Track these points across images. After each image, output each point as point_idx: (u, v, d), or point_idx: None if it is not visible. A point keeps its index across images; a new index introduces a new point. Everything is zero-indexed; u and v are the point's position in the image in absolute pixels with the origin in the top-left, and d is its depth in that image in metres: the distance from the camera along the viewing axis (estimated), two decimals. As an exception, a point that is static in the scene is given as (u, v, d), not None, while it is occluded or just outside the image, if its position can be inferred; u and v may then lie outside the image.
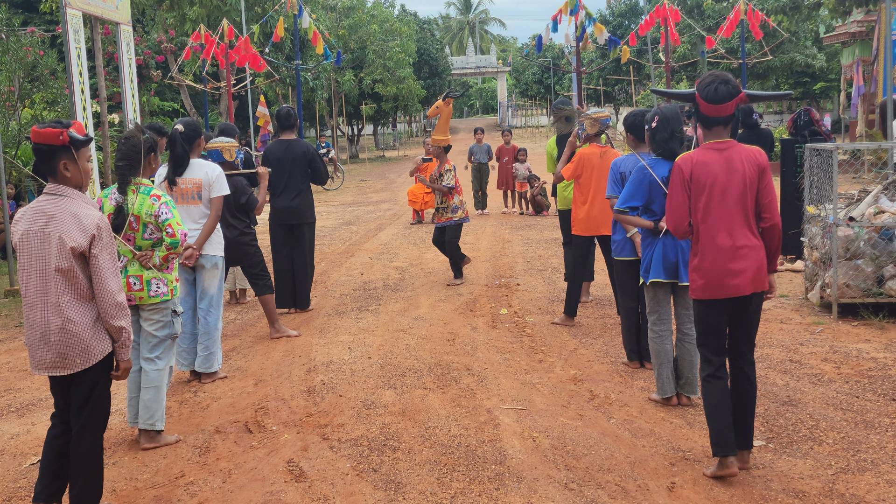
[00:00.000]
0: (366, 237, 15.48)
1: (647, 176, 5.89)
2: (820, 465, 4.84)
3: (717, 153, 4.67)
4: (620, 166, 6.71)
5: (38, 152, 4.27)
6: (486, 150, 18.27)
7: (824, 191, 8.46)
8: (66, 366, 4.25)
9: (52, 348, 4.22)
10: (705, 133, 4.75)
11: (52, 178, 4.29)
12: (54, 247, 4.17)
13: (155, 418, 5.54)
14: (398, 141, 57.08)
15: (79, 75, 11.58)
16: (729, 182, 4.63)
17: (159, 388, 5.55)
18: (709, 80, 4.65)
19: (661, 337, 5.99)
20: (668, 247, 5.84)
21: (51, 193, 4.28)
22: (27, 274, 4.23)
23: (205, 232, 6.76)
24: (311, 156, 9.11)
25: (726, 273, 4.64)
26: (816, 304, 8.43)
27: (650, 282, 5.94)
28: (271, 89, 34.18)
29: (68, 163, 4.27)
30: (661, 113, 5.90)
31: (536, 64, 55.33)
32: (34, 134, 4.25)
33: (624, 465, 4.93)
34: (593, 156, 7.87)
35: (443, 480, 4.81)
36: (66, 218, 4.20)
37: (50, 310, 4.19)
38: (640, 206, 5.96)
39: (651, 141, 5.98)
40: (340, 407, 6.12)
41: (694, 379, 5.92)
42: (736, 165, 4.63)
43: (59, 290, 4.19)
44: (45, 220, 4.21)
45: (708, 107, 4.61)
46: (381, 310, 9.29)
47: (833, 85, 40.16)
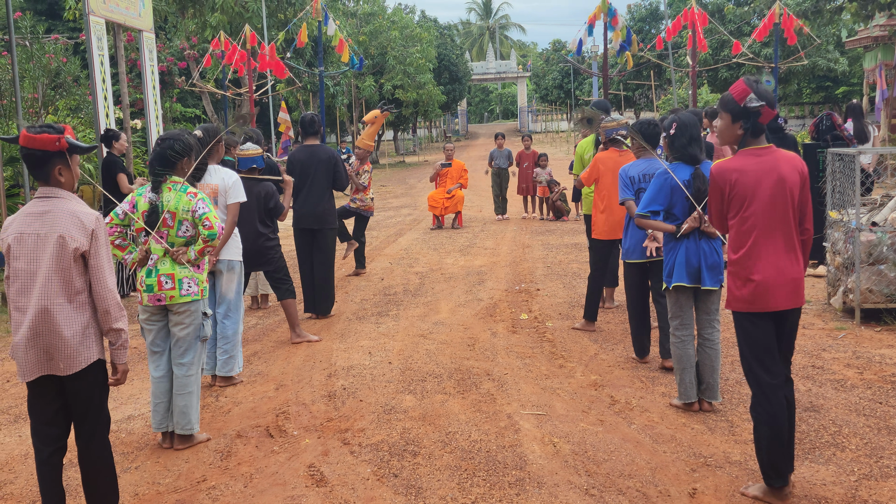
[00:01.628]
0: (386, 242, 15.50)
1: (668, 180, 5.90)
2: (842, 472, 4.81)
3: (756, 158, 4.51)
4: (629, 171, 6.86)
5: (32, 157, 4.17)
6: (507, 156, 18.25)
7: (847, 196, 8.41)
8: (52, 367, 4.17)
9: (40, 348, 4.13)
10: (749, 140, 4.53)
11: (44, 182, 4.21)
12: (52, 247, 4.12)
13: (192, 422, 5.63)
14: (418, 146, 57.13)
15: (102, 82, 11.68)
16: (777, 189, 4.46)
17: (192, 393, 5.62)
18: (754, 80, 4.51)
19: (684, 342, 5.99)
20: (690, 251, 5.84)
21: (44, 196, 4.20)
22: (20, 277, 4.15)
23: (223, 237, 6.81)
24: (334, 161, 9.18)
25: (775, 285, 4.46)
26: (839, 310, 8.37)
27: (673, 286, 5.94)
28: (292, 95, 34.34)
29: (63, 168, 4.22)
30: (679, 119, 5.97)
31: (569, 63, 55.22)
32: (27, 139, 4.14)
33: (645, 471, 4.92)
34: (610, 160, 7.91)
35: (463, 485, 4.81)
36: (65, 218, 4.15)
37: (41, 312, 4.11)
38: (661, 210, 5.97)
39: (670, 147, 6.05)
40: (361, 412, 6.14)
41: (715, 384, 5.91)
42: (781, 173, 4.47)
43: (52, 293, 4.11)
44: (42, 222, 4.15)
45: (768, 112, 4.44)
46: (401, 315, 9.31)
47: (855, 89, 39.94)
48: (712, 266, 5.83)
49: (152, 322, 5.62)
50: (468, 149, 48.84)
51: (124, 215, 5.50)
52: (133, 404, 6.62)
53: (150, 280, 5.47)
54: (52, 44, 16.96)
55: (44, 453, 4.28)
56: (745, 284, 4.49)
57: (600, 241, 8.15)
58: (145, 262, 5.54)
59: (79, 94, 17.05)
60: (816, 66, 37.46)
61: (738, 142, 4.58)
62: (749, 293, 4.48)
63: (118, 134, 10.65)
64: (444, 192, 16.91)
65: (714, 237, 5.82)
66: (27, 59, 15.62)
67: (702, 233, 5.82)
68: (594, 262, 8.26)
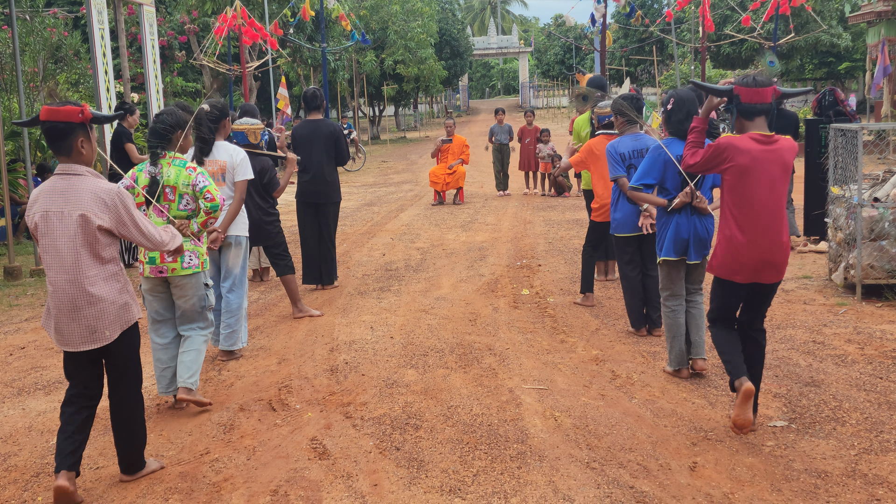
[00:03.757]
0: (387, 218, 15.50)
1: (661, 154, 6.01)
2: (843, 446, 4.84)
3: (760, 144, 4.83)
4: (618, 147, 7.03)
5: (55, 130, 4.31)
6: (508, 131, 18.21)
7: (849, 171, 8.40)
8: (97, 339, 4.36)
9: (82, 323, 4.32)
10: (747, 125, 4.89)
11: (66, 156, 4.37)
12: (76, 225, 4.28)
13: (195, 377, 5.76)
14: (419, 122, 56.98)
15: (102, 56, 11.65)
16: (773, 174, 4.84)
17: (199, 350, 5.79)
18: (742, 76, 4.91)
19: (675, 312, 6.16)
20: (681, 225, 5.97)
21: (64, 173, 4.36)
22: (50, 253, 4.32)
23: (230, 214, 6.83)
24: (336, 136, 9.20)
25: (764, 263, 4.88)
26: (840, 286, 8.38)
27: (662, 259, 6.10)
28: (293, 70, 34.22)
29: (84, 140, 4.37)
30: (676, 95, 6.10)
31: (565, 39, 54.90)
32: (50, 112, 4.30)
33: (646, 445, 4.94)
34: (600, 146, 7.95)
35: (465, 459, 4.84)
36: (87, 196, 4.30)
37: (77, 287, 4.30)
38: (654, 185, 6.10)
39: (666, 122, 6.16)
40: (363, 386, 6.16)
41: (701, 342, 6.15)
42: (784, 157, 4.87)
43: (84, 266, 4.31)
44: (64, 200, 4.30)
45: (749, 92, 4.80)
46: (402, 290, 9.32)
47: (858, 65, 39.69)
48: (700, 241, 5.97)
49: (156, 293, 5.75)
50: (469, 124, 48.72)
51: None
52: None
53: (152, 252, 5.53)
54: (52, 18, 16.89)
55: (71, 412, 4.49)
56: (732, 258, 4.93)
57: (599, 224, 8.21)
58: None
59: (80, 68, 17.00)
60: (819, 42, 37.20)
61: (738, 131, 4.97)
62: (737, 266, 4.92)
63: (134, 108, 10.84)
64: (446, 168, 16.88)
65: (705, 213, 5.96)
66: (27, 32, 15.56)
67: (693, 208, 5.95)
68: (590, 240, 8.34)
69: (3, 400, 6.30)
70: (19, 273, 10.87)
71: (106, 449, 5.21)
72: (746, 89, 4.81)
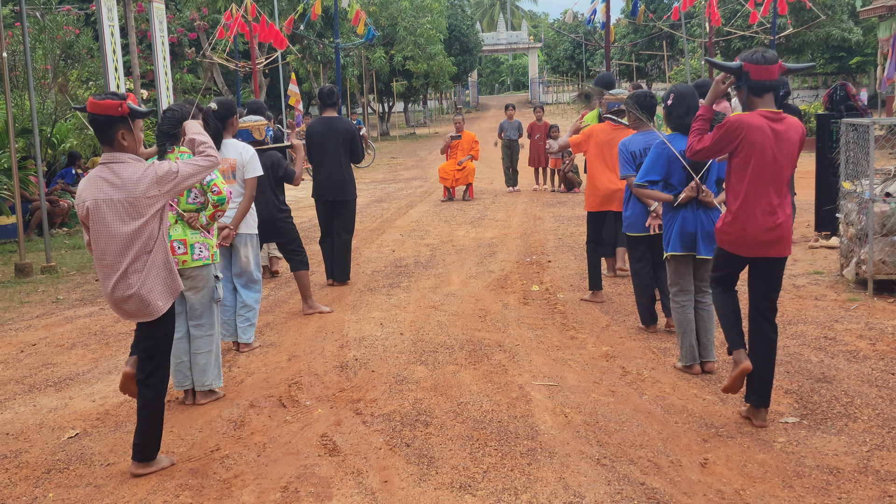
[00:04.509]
0: (397, 214, 15.50)
1: (665, 150, 6.03)
2: (854, 442, 4.82)
3: (768, 120, 4.90)
4: (630, 145, 6.95)
5: (96, 123, 4.54)
6: (517, 127, 18.19)
7: (860, 166, 8.36)
8: (150, 313, 4.64)
9: (132, 304, 4.60)
10: (756, 101, 4.95)
11: (109, 147, 4.58)
12: (124, 212, 4.49)
13: (212, 378, 5.89)
14: (429, 118, 56.98)
15: (112, 53, 11.66)
16: (779, 150, 4.91)
17: (211, 351, 5.87)
18: (751, 51, 4.96)
19: (684, 307, 6.16)
20: (687, 220, 5.98)
21: (109, 162, 4.56)
22: (100, 241, 4.54)
23: (240, 212, 6.86)
24: (352, 134, 9.23)
25: (765, 239, 4.95)
26: (851, 281, 8.35)
27: (669, 255, 6.10)
28: (302, 67, 34.23)
29: (126, 133, 4.57)
30: (676, 91, 6.11)
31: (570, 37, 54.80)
32: (93, 105, 4.51)
33: (656, 442, 4.93)
34: (603, 133, 8.00)
35: (475, 455, 4.83)
36: (132, 184, 4.50)
37: (126, 274, 4.54)
38: (659, 181, 6.11)
39: (667, 118, 6.17)
40: (373, 382, 6.16)
41: (710, 344, 6.14)
42: (790, 135, 4.94)
43: (134, 254, 4.53)
44: (112, 187, 4.50)
45: (759, 69, 4.86)
46: (412, 286, 9.32)
47: (869, 59, 39.50)
48: (708, 235, 5.95)
49: None
50: (478, 120, 48.68)
51: None
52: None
53: None
54: (64, 15, 16.93)
55: None
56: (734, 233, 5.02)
57: (590, 213, 8.33)
58: None
59: (91, 65, 17.05)
60: (830, 37, 37.01)
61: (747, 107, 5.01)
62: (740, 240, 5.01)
63: None
64: (455, 164, 16.87)
65: (711, 207, 5.96)
66: (39, 30, 15.61)
67: (699, 202, 5.96)
68: (590, 234, 8.41)
69: (14, 396, 6.32)
70: (30, 270, 10.90)
71: (117, 446, 5.22)
72: (756, 66, 4.87)
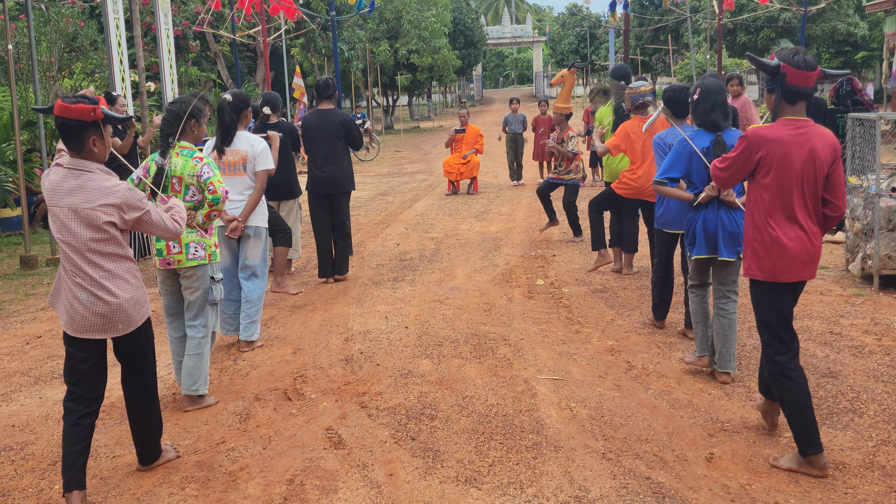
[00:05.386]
0: (401, 208, 15.49)
1: (687, 148, 5.83)
2: (860, 437, 4.81)
3: (794, 130, 4.38)
4: (666, 138, 6.63)
5: (66, 128, 4.23)
6: (522, 121, 18.16)
7: (867, 161, 8.34)
8: (109, 330, 4.34)
9: (97, 316, 4.29)
10: (787, 108, 4.41)
11: (77, 152, 4.28)
12: (88, 222, 4.21)
13: (198, 384, 5.69)
14: (433, 112, 56.91)
15: (117, 45, 11.66)
16: (807, 165, 4.37)
17: (201, 355, 5.67)
18: (792, 51, 4.36)
19: (700, 297, 6.03)
20: (708, 220, 5.75)
21: (75, 169, 4.26)
22: (65, 249, 4.29)
23: (250, 204, 6.85)
24: (347, 124, 9.13)
25: (802, 259, 4.42)
26: (857, 276, 8.33)
27: (694, 259, 5.88)
28: (306, 60, 34.21)
29: (97, 139, 4.29)
30: (703, 85, 5.81)
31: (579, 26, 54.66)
32: (62, 109, 4.21)
33: (662, 436, 4.93)
34: (636, 127, 7.94)
35: (480, 449, 4.84)
36: (96, 193, 4.22)
37: (92, 282, 4.26)
38: (679, 178, 5.91)
39: (693, 113, 5.92)
40: (378, 376, 6.16)
41: (727, 355, 5.80)
42: (817, 148, 4.36)
43: (96, 265, 4.26)
44: (73, 197, 4.22)
45: (797, 74, 4.29)
46: (417, 280, 9.32)
47: (875, 54, 39.43)
48: (731, 236, 5.70)
49: (166, 286, 5.73)
50: (483, 114, 48.64)
51: (139, 181, 5.50)
52: (152, 367, 6.66)
53: (158, 244, 5.54)
54: (68, 7, 16.92)
55: (77, 414, 4.35)
56: (768, 257, 4.45)
57: (615, 194, 8.28)
58: None
59: (96, 57, 17.04)
60: (836, 31, 36.96)
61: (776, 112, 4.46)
62: (773, 266, 4.44)
63: (114, 97, 10.49)
64: (460, 158, 16.85)
65: (734, 207, 5.71)
66: (44, 23, 15.60)
67: (721, 202, 5.73)
68: (599, 200, 8.44)
69: (20, 389, 6.33)
70: (35, 262, 10.91)
71: (123, 438, 5.23)
72: (795, 70, 4.29)
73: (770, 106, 4.49)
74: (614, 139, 8.13)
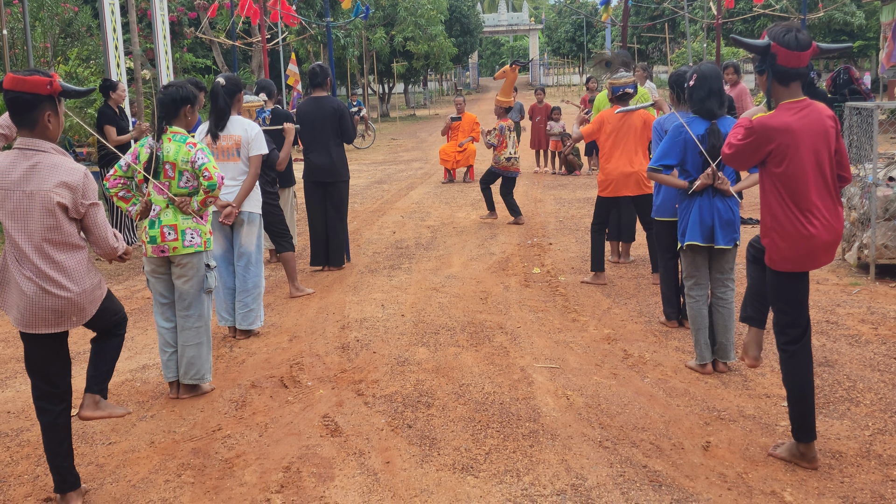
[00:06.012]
0: (397, 196, 15.47)
1: (682, 135, 5.78)
2: (857, 426, 4.81)
3: (798, 114, 4.21)
4: (665, 124, 6.57)
5: (19, 102, 3.93)
6: (518, 109, 18.09)
7: (864, 150, 8.34)
8: (61, 324, 4.08)
9: (48, 310, 4.02)
10: (780, 91, 4.25)
11: (29, 130, 3.99)
12: (42, 205, 3.94)
13: (202, 372, 5.65)
14: (429, 99, 56.80)
15: (112, 31, 11.61)
16: (820, 146, 4.21)
17: (201, 344, 5.61)
18: (783, 29, 4.15)
19: (698, 302, 5.85)
20: (703, 209, 5.70)
21: (27, 148, 3.97)
22: (13, 236, 3.98)
23: (244, 189, 6.80)
24: (341, 113, 9.04)
25: (824, 245, 4.27)
26: (853, 265, 8.33)
27: (686, 245, 5.81)
28: (302, 47, 34.09)
29: (52, 115, 4.02)
30: (699, 71, 5.76)
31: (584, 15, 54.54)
32: (15, 81, 3.92)
33: (658, 425, 4.93)
34: (613, 117, 7.87)
35: (477, 437, 4.83)
36: (50, 174, 3.95)
37: (41, 274, 3.98)
38: (674, 165, 5.87)
39: (689, 99, 5.86)
40: (374, 363, 6.16)
41: (728, 344, 5.81)
42: (823, 126, 4.22)
43: (47, 253, 3.98)
44: (27, 179, 3.94)
45: (788, 54, 4.11)
46: (413, 268, 9.31)
47: (871, 44, 39.38)
48: (727, 224, 5.67)
49: (158, 274, 5.59)
50: (479, 102, 48.53)
51: (127, 167, 5.43)
52: (148, 354, 6.66)
53: (153, 231, 5.43)
54: (63, -7, 16.84)
55: (51, 414, 4.16)
56: (790, 247, 4.26)
57: (605, 199, 8.13)
58: (147, 213, 5.46)
59: (91, 43, 16.97)
60: (833, 20, 36.91)
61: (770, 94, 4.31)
62: (796, 255, 4.28)
63: (115, 84, 10.42)
64: (456, 146, 16.82)
65: (728, 195, 5.69)
66: (38, 7, 15.52)
67: (716, 190, 5.68)
68: (597, 216, 8.26)
69: (16, 375, 6.31)
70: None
71: (118, 425, 5.22)
72: (785, 50, 4.11)
73: (763, 88, 4.34)
74: (589, 126, 8.13)
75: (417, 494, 4.21)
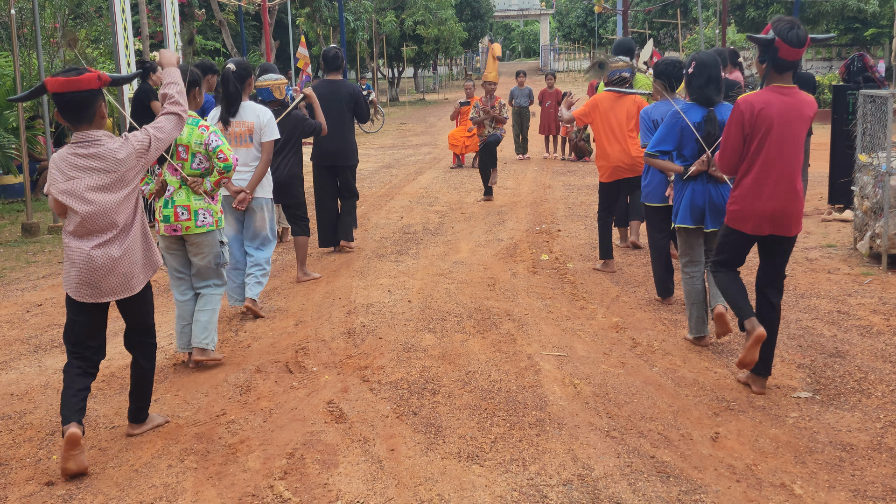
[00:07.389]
0: (406, 181, 15.40)
1: (679, 121, 5.87)
2: (868, 418, 4.75)
3: (782, 96, 4.86)
4: (652, 114, 6.81)
5: (77, 101, 4.21)
6: (528, 94, 18.02)
7: (877, 139, 8.23)
8: (131, 287, 4.44)
9: (117, 275, 4.37)
10: (775, 77, 4.89)
11: (87, 124, 4.29)
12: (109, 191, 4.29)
13: (211, 336, 5.79)
14: (438, 84, 56.60)
15: (121, 12, 11.54)
16: (790, 126, 4.85)
17: (215, 309, 5.81)
18: (788, 25, 4.76)
19: (693, 278, 6.07)
20: (696, 193, 5.86)
21: (85, 142, 4.28)
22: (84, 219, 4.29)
23: (257, 175, 6.81)
24: (356, 97, 9.04)
25: (779, 213, 4.91)
26: (865, 255, 8.25)
27: (678, 226, 6.02)
28: (312, 30, 34.00)
29: (103, 103, 4.31)
30: (698, 58, 5.87)
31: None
32: (67, 83, 4.18)
33: (667, 414, 4.87)
34: (607, 101, 7.91)
35: (483, 425, 4.78)
36: (113, 162, 4.28)
37: (105, 253, 4.32)
38: (670, 151, 5.98)
39: (687, 86, 5.96)
40: (380, 349, 6.11)
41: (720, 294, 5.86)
42: (803, 111, 4.88)
43: (117, 233, 4.33)
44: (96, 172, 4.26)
45: (790, 50, 4.75)
46: (420, 253, 9.25)
47: (885, 31, 39.09)
48: (716, 209, 5.83)
49: (173, 251, 5.76)
50: (489, 87, 48.33)
51: None
52: (152, 337, 6.62)
53: (166, 211, 5.58)
54: (72, -27, 16.76)
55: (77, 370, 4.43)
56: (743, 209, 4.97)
57: (608, 184, 8.20)
58: (162, 193, 5.63)
59: (100, 24, 16.91)
60: (846, 7, 36.61)
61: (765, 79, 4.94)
62: (750, 219, 4.96)
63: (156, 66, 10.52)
64: (465, 131, 16.73)
65: (721, 182, 5.83)
66: (47, -12, 15.45)
67: (709, 176, 5.83)
68: (602, 203, 8.31)
69: (20, 357, 6.29)
70: (37, 230, 10.86)
71: (122, 408, 5.18)
72: (787, 47, 4.74)
73: (761, 74, 4.96)
74: (581, 109, 8.19)
75: (422, 482, 4.16)
